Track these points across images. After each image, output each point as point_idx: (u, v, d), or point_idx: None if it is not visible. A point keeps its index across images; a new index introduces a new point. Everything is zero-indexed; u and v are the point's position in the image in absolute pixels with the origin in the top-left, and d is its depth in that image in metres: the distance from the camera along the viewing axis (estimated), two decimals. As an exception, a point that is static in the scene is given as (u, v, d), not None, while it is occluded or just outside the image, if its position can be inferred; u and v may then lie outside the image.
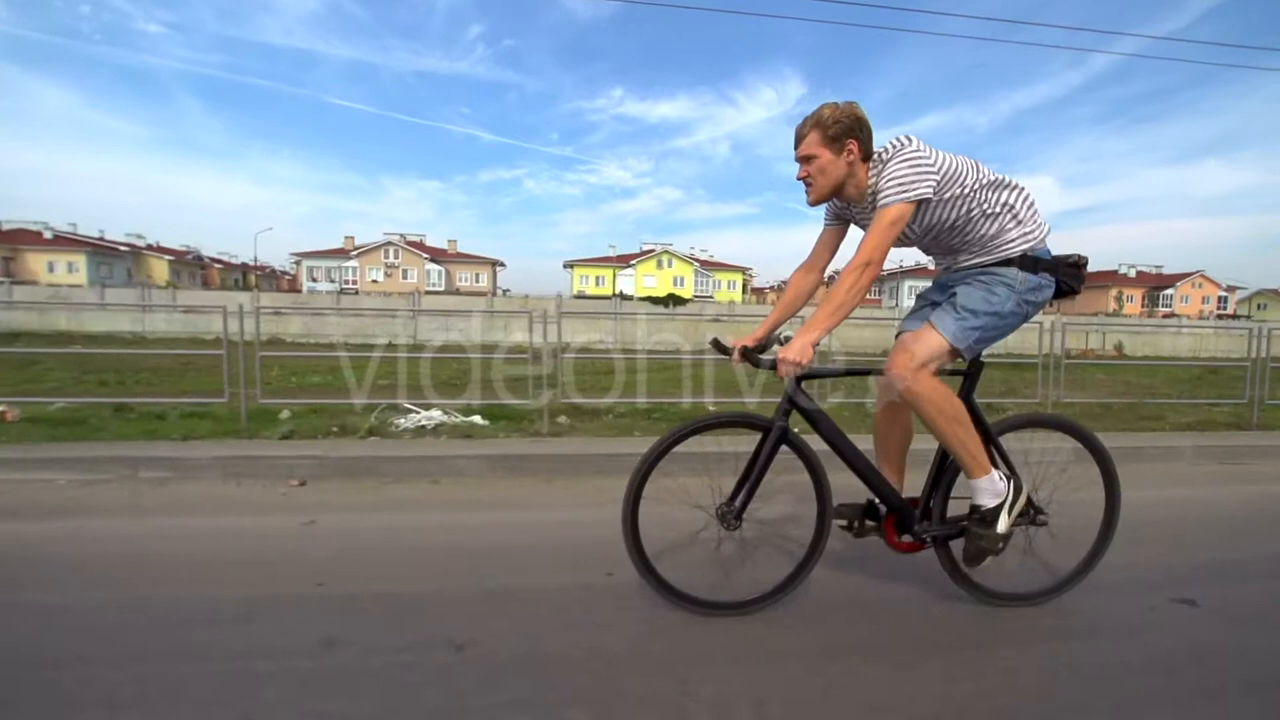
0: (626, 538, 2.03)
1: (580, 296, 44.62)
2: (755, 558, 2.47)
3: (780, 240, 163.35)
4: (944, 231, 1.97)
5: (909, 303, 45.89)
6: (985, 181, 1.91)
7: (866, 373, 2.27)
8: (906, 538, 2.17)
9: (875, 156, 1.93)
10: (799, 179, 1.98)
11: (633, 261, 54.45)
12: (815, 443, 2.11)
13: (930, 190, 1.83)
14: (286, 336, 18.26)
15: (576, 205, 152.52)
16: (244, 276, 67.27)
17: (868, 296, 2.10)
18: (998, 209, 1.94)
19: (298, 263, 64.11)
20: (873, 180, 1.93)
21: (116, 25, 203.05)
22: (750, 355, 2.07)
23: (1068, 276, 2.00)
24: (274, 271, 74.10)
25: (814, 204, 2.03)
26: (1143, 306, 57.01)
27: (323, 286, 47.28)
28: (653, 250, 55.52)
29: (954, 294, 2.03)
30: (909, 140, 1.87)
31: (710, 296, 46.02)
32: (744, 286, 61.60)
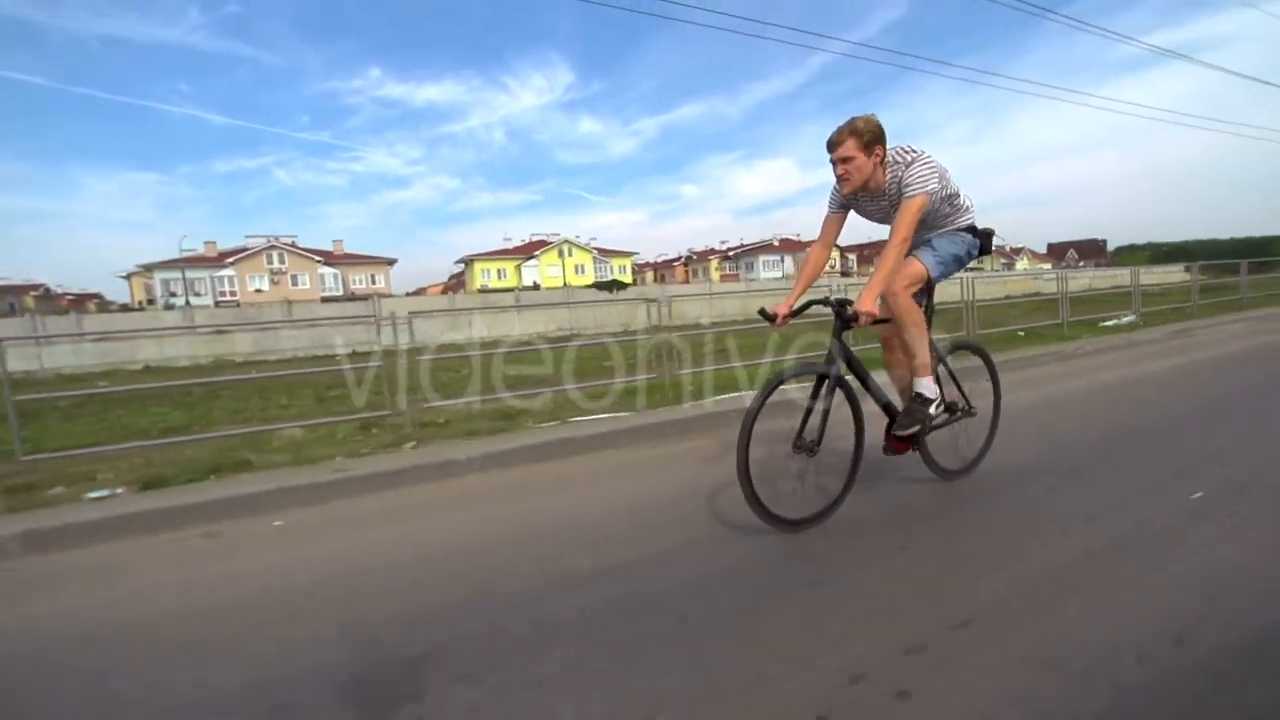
0: (742, 480, 2.32)
1: (484, 290, 44.52)
2: (814, 480, 2.65)
3: (569, 225, 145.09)
4: (929, 214, 2.50)
5: (765, 274, 54.38)
6: (952, 182, 2.55)
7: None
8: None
9: (889, 159, 2.43)
10: (838, 176, 2.47)
11: (536, 253, 55.04)
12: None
13: (937, 184, 2.41)
14: (236, 357, 17.50)
15: (343, 196, 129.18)
16: (19, 300, 56.10)
17: (728, 272, 3.92)
18: (958, 201, 2.63)
19: (128, 276, 55.41)
20: (890, 177, 2.44)
21: None
22: (841, 313, 2.43)
23: (985, 241, 2.73)
24: (48, 292, 62.39)
25: (849, 194, 2.53)
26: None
27: (187, 302, 41.80)
28: (549, 242, 56.52)
29: (931, 241, 2.65)
30: (919, 149, 2.42)
31: (611, 280, 48.21)
32: (631, 268, 64.42)
